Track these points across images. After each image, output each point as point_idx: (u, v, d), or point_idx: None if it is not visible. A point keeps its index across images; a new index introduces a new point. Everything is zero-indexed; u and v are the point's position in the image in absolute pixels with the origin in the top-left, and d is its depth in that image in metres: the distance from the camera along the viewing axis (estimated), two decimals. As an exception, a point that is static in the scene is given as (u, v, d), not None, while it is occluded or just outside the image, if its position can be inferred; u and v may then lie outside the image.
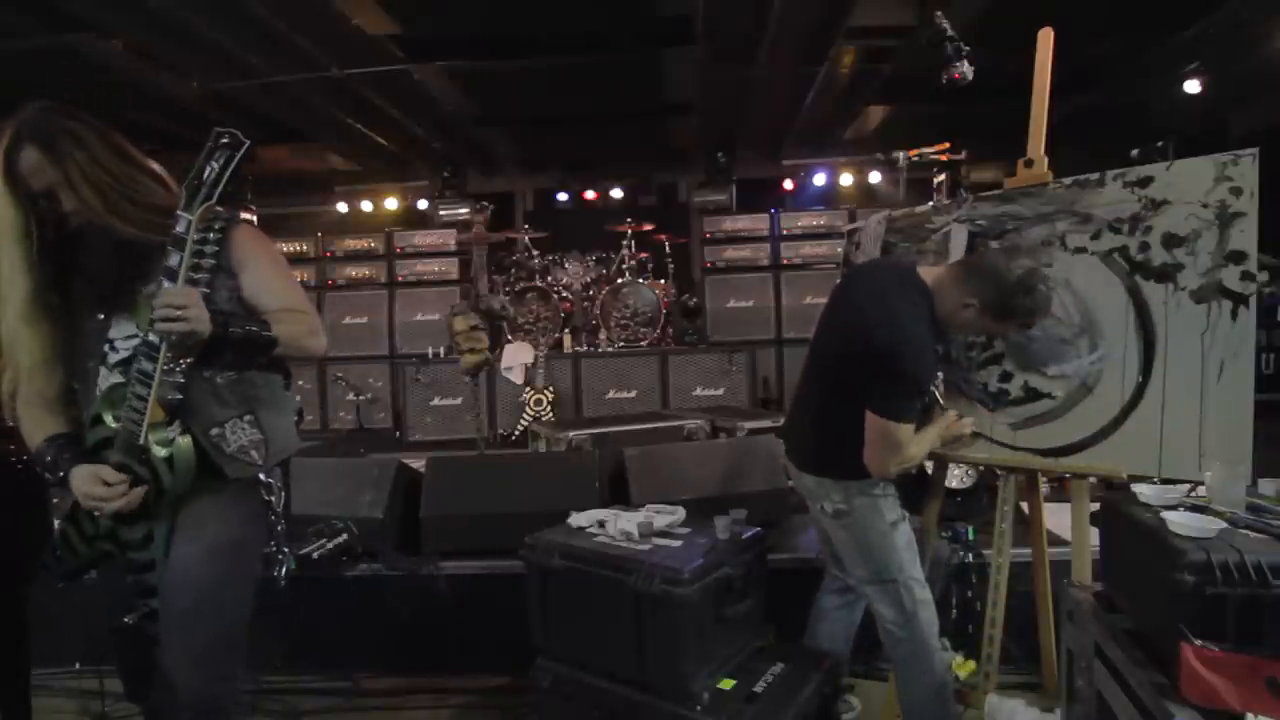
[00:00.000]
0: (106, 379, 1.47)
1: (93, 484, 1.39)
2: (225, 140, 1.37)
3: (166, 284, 1.35)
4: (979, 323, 1.87)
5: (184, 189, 1.37)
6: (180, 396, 1.43)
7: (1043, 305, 1.82)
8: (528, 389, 5.64)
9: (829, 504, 1.99)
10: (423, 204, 8.39)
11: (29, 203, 1.40)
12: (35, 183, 1.39)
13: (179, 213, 1.36)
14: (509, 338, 6.01)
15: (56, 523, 1.56)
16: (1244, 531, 1.37)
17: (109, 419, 1.44)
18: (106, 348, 1.48)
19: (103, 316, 1.48)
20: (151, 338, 1.36)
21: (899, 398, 1.83)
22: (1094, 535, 1.80)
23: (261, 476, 1.54)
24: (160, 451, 1.40)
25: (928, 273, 1.94)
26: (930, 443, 2.01)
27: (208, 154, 1.37)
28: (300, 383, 6.51)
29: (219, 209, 1.47)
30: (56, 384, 1.50)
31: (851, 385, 1.89)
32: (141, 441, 1.39)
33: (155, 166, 1.50)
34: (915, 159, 2.99)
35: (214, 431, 1.45)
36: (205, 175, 1.36)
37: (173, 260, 1.36)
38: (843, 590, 2.22)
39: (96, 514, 1.42)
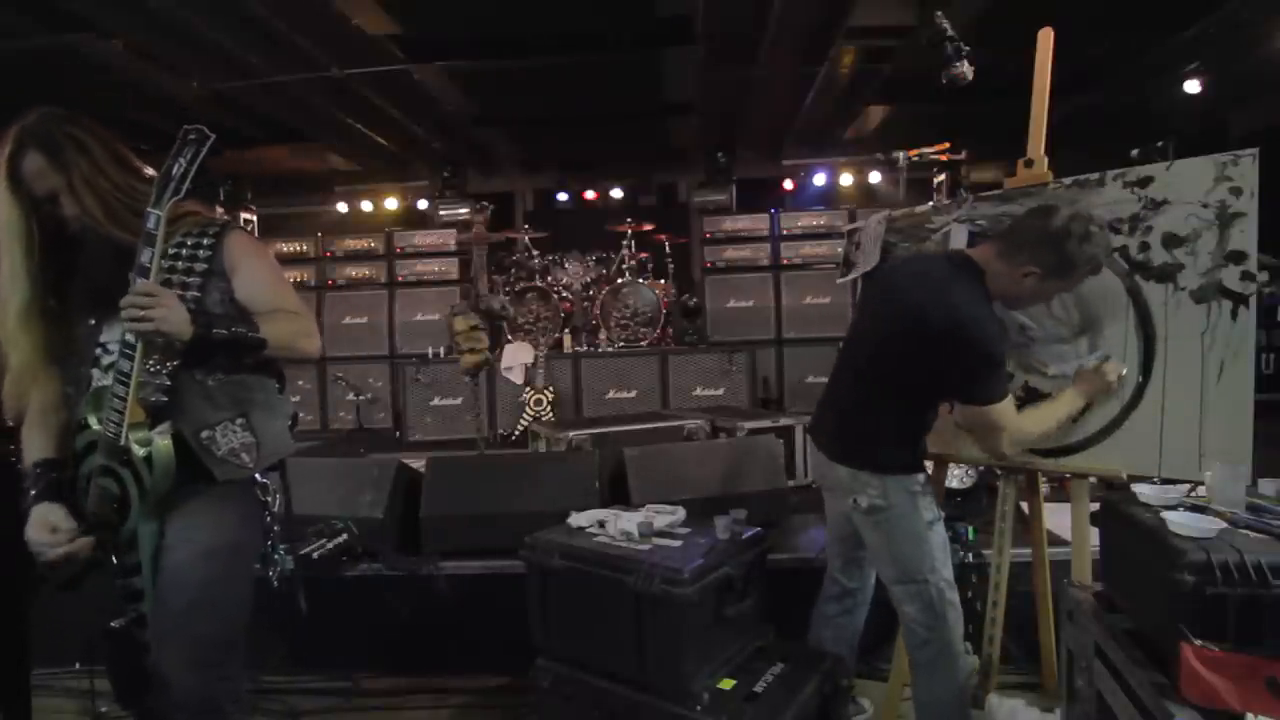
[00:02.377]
0: (98, 381, 1.46)
1: (39, 530, 1.42)
2: (192, 136, 1.37)
3: (139, 281, 1.34)
4: (1046, 288, 1.81)
5: (154, 186, 1.36)
6: (166, 399, 1.42)
7: (1103, 243, 1.77)
8: (528, 389, 5.64)
9: (864, 499, 1.90)
10: (423, 204, 8.39)
11: (31, 206, 1.42)
12: (38, 187, 1.41)
13: (149, 210, 1.35)
14: (509, 338, 6.01)
15: None
16: (1244, 531, 1.37)
17: (93, 422, 1.43)
18: (99, 351, 1.48)
19: (94, 322, 1.48)
20: (128, 337, 1.35)
21: (983, 379, 1.76)
22: (1094, 535, 1.80)
23: (258, 477, 1.54)
24: (139, 451, 1.39)
25: (974, 253, 1.89)
26: (1063, 411, 1.90)
27: (176, 151, 1.36)
28: (300, 383, 6.51)
29: (210, 214, 1.49)
30: (50, 390, 1.51)
31: (897, 374, 1.85)
32: (122, 442, 1.37)
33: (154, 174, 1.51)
34: (915, 159, 2.99)
35: (204, 434, 1.45)
36: (173, 171, 1.36)
37: (144, 257, 1.35)
38: (842, 595, 2.20)
39: (40, 559, 1.43)
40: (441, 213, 7.53)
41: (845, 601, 2.20)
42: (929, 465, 2.15)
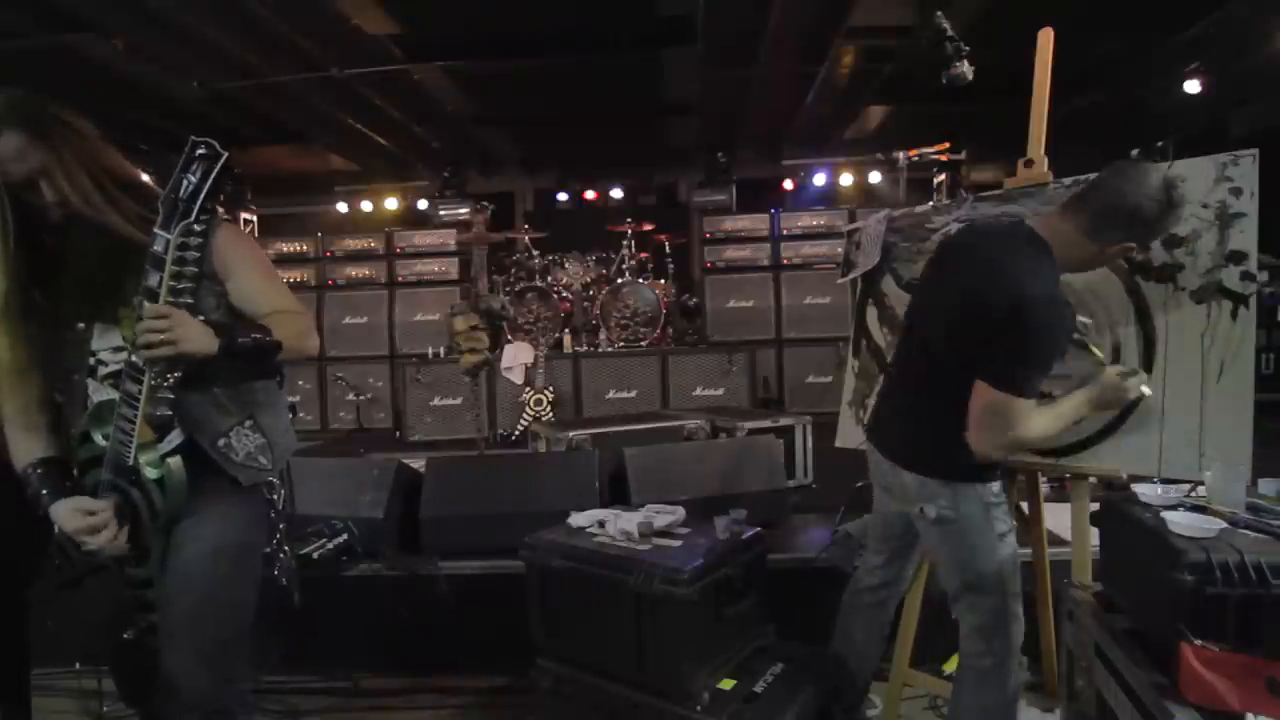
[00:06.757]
0: (97, 392, 1.42)
1: (77, 518, 1.35)
2: (202, 151, 1.26)
3: (147, 305, 1.27)
4: (1119, 252, 1.64)
5: (161, 205, 1.27)
6: (170, 413, 1.37)
7: (1180, 189, 1.58)
8: (528, 389, 5.64)
9: (932, 508, 1.75)
10: (423, 204, 8.39)
11: (3, 193, 1.31)
12: (14, 170, 1.30)
13: (156, 231, 1.27)
14: (509, 338, 6.01)
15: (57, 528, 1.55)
16: (1244, 531, 1.37)
17: (98, 436, 1.40)
18: (93, 360, 1.43)
19: (83, 326, 1.43)
20: (135, 359, 1.31)
21: (1024, 365, 1.56)
22: (1094, 535, 1.80)
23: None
24: (151, 473, 1.36)
25: (1041, 224, 1.71)
26: (1069, 417, 1.71)
27: (184, 166, 1.26)
28: (300, 382, 6.51)
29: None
30: (31, 393, 1.44)
31: (962, 367, 1.64)
32: (131, 463, 1.35)
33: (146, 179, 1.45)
34: (915, 159, 2.99)
35: (221, 443, 1.43)
36: (182, 189, 1.26)
37: (152, 280, 1.27)
38: (879, 587, 2.11)
39: (91, 549, 1.37)
40: (441, 213, 7.54)
41: (880, 592, 2.12)
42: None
